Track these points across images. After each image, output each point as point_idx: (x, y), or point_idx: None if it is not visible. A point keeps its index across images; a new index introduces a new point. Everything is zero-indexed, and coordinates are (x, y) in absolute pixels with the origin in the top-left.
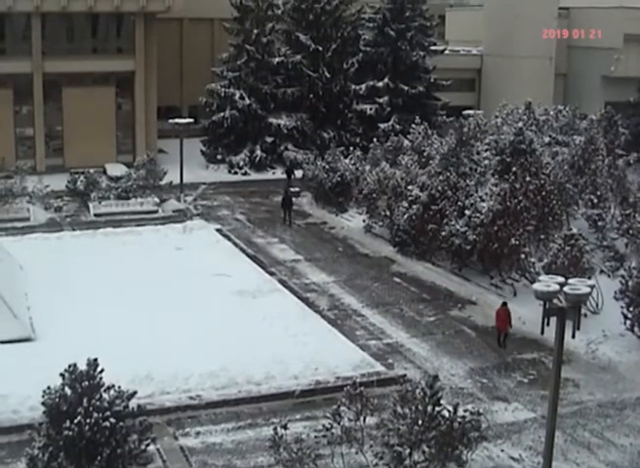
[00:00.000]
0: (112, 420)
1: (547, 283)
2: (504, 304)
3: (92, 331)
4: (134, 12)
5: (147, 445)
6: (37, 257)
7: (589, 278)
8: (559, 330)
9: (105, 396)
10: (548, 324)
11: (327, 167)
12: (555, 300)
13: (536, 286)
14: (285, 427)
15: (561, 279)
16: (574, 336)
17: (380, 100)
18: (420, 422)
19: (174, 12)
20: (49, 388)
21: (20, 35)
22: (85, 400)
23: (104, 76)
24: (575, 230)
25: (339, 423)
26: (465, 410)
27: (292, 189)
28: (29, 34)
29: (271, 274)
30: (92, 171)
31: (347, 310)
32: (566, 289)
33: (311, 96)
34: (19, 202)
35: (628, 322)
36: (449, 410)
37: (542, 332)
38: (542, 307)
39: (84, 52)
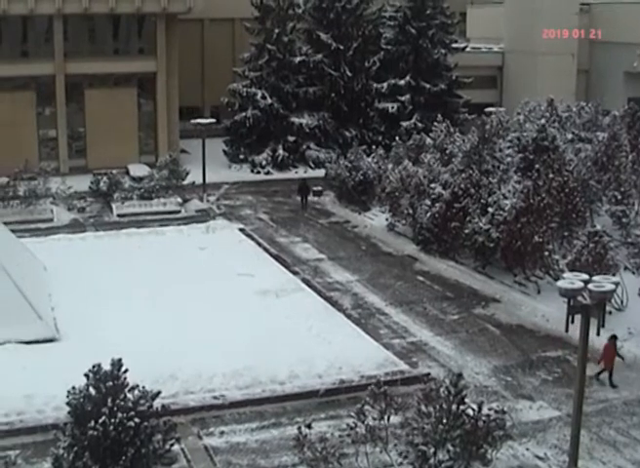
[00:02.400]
0: (137, 420)
1: (571, 280)
2: (613, 338)
3: (116, 331)
4: (155, 13)
5: (172, 444)
6: (61, 258)
7: (614, 275)
8: (584, 327)
9: (130, 396)
10: (573, 321)
11: (349, 165)
12: (579, 298)
13: (560, 283)
14: (309, 426)
15: (585, 276)
16: (598, 334)
17: (402, 99)
18: (444, 421)
19: (195, 12)
20: (73, 388)
21: (42, 37)
22: (109, 400)
23: (126, 77)
24: (598, 227)
25: (363, 422)
26: (490, 409)
27: (314, 189)
28: (51, 36)
29: (295, 273)
30: (114, 171)
31: (371, 309)
32: (590, 286)
33: (333, 94)
34: (42, 203)
35: None
36: (473, 409)
37: (567, 330)
38: (567, 304)
39: (106, 53)
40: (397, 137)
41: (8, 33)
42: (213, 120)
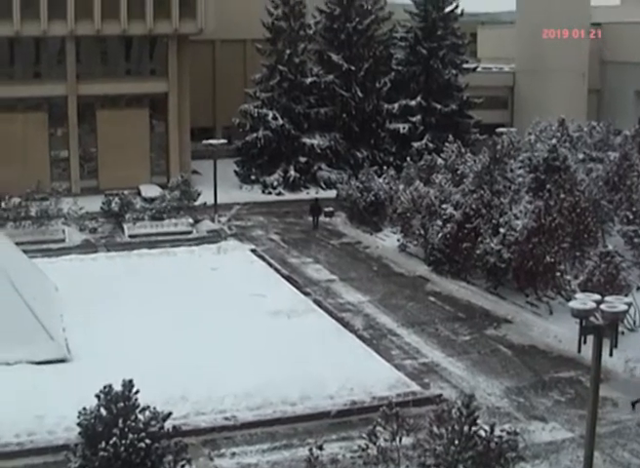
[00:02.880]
0: (148, 441)
1: (584, 300)
2: None
3: (127, 351)
4: (167, 34)
5: (183, 465)
6: (72, 278)
7: (626, 295)
8: (596, 348)
9: (141, 417)
10: (585, 342)
11: (361, 186)
12: (592, 318)
13: (572, 304)
14: (321, 448)
15: (597, 296)
16: (611, 354)
17: (413, 119)
18: (456, 442)
19: (206, 33)
20: (84, 409)
21: (54, 59)
22: (120, 421)
23: (138, 98)
24: (610, 247)
25: (374, 443)
26: (502, 430)
27: (326, 209)
28: (64, 57)
29: (306, 294)
30: (126, 192)
31: (382, 330)
32: (602, 306)
33: (344, 115)
34: (54, 223)
35: None
36: (485, 430)
37: (579, 351)
38: (579, 325)
39: (118, 74)
40: (408, 158)
41: (21, 54)
42: (224, 141)
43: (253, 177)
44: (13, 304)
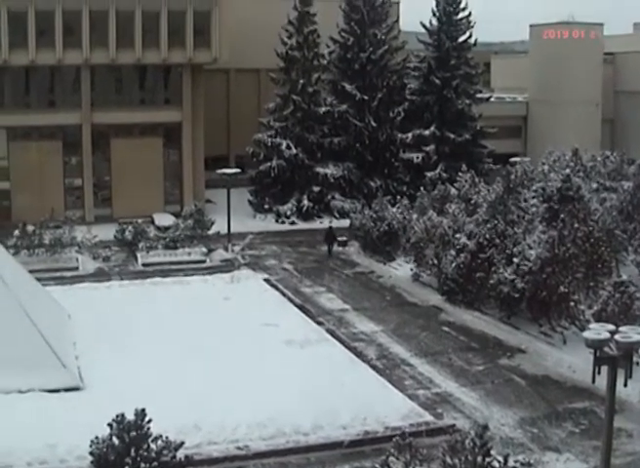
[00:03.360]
0: None
1: (598, 331)
2: None
3: (140, 380)
4: (181, 63)
5: None
6: (85, 307)
7: None
8: (611, 378)
9: (153, 446)
10: (599, 372)
11: (374, 216)
12: (606, 348)
13: (586, 334)
14: None
15: (612, 327)
16: (626, 385)
17: (427, 149)
18: None
19: (220, 63)
20: (97, 438)
21: (69, 87)
22: (133, 450)
23: (152, 127)
24: (625, 277)
25: None
26: (516, 461)
27: (340, 238)
28: (78, 86)
29: (319, 323)
30: (140, 221)
31: (396, 359)
32: (617, 336)
33: (358, 145)
34: (67, 252)
35: None
36: (499, 461)
37: (594, 381)
38: (593, 355)
39: (132, 103)
40: (422, 188)
41: (36, 83)
42: (238, 170)
43: (266, 207)
44: (26, 332)
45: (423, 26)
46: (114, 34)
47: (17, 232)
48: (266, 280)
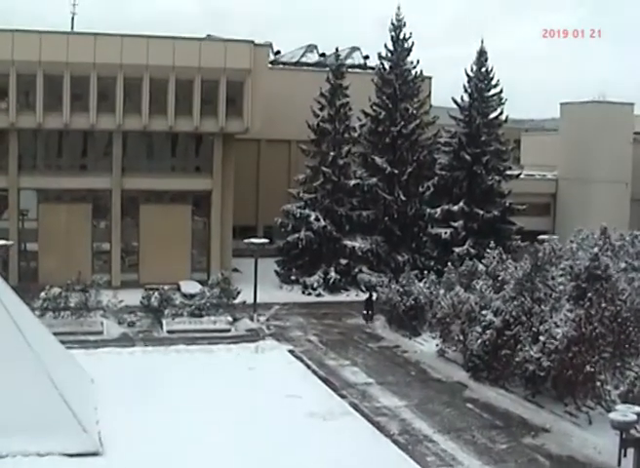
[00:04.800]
0: None
1: (624, 412)
2: None
3: (160, 447)
4: (212, 132)
5: None
6: (109, 371)
7: None
8: (637, 461)
9: None
10: (625, 455)
11: (401, 290)
12: (632, 431)
13: (612, 415)
14: None
15: (638, 408)
16: None
17: (455, 224)
18: None
19: (252, 133)
20: None
21: (101, 152)
22: None
23: (182, 194)
24: None
25: None
26: None
27: (364, 312)
28: (110, 151)
29: (342, 397)
30: (166, 287)
31: (418, 435)
32: None
33: (386, 218)
34: (93, 315)
35: None
36: None
37: (619, 463)
38: (619, 437)
39: (163, 170)
40: (449, 263)
41: (68, 146)
42: (266, 240)
43: (293, 278)
44: (47, 394)
45: (455, 102)
46: (147, 101)
47: (43, 294)
48: (291, 351)
